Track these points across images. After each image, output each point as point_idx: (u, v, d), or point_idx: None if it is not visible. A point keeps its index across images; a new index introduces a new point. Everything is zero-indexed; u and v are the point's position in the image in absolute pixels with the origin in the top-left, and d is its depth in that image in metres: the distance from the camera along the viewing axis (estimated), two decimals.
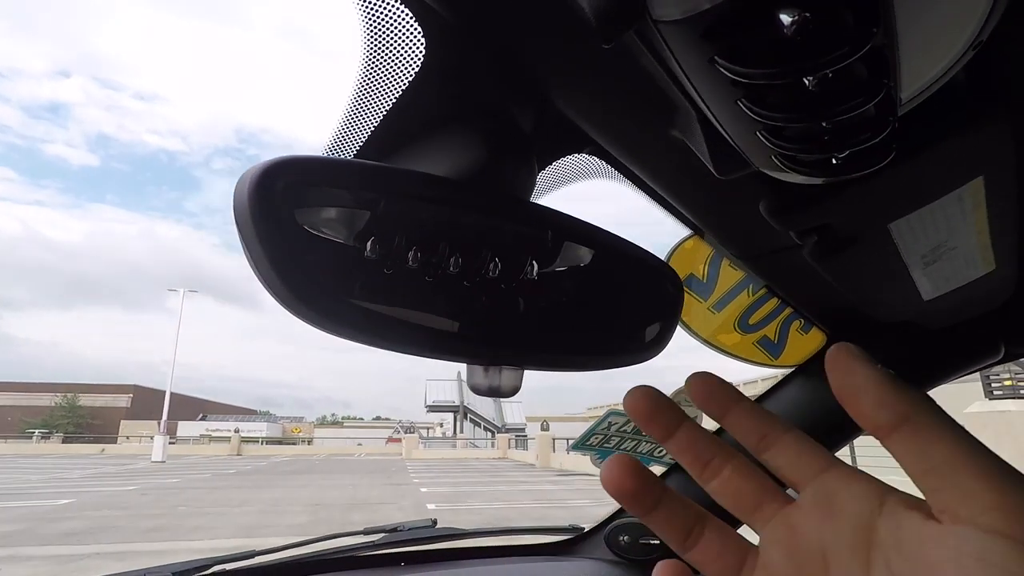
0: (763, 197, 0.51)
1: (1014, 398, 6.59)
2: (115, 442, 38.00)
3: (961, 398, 6.63)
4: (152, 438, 26.99)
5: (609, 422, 1.04)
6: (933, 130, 0.42)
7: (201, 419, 48.44)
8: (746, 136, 0.34)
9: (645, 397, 0.28)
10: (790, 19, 0.22)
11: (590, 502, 11.27)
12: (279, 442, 42.77)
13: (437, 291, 0.39)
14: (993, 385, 6.76)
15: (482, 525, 1.30)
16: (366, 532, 1.11)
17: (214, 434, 41.14)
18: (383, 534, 1.09)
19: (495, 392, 0.38)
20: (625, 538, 1.16)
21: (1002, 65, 0.40)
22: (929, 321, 0.80)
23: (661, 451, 1.11)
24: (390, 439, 41.99)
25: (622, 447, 1.09)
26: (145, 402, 49.86)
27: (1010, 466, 0.22)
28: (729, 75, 0.26)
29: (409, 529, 1.12)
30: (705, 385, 0.29)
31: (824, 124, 0.29)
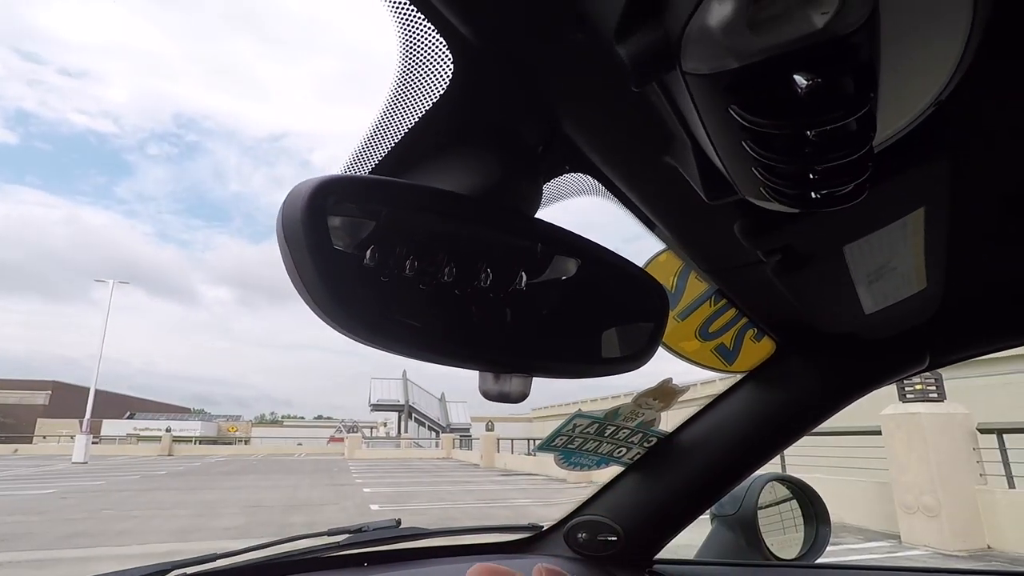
0: (738, 219, 0.56)
1: (923, 401, 7.17)
2: (31, 442, 35.24)
3: (880, 401, 7.14)
4: (73, 438, 25.18)
5: (574, 424, 1.08)
6: (891, 167, 0.47)
7: (128, 417, 45.62)
8: (741, 170, 0.38)
9: None
10: (805, 82, 0.26)
11: (532, 501, 11.41)
12: (214, 441, 40.90)
13: (430, 299, 0.41)
14: (906, 389, 7.31)
15: (427, 525, 1.31)
16: (330, 533, 1.10)
17: (143, 433, 38.92)
18: (347, 535, 1.09)
19: (504, 398, 0.41)
20: (583, 535, 1.20)
21: (950, 117, 0.46)
22: (868, 333, 0.88)
23: (620, 452, 1.16)
24: (332, 438, 40.98)
25: (585, 448, 1.13)
26: (66, 399, 46.41)
27: None
28: (742, 122, 0.29)
29: (374, 529, 1.12)
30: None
31: (815, 167, 0.33)
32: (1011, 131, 0.50)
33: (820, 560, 1.32)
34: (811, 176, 0.35)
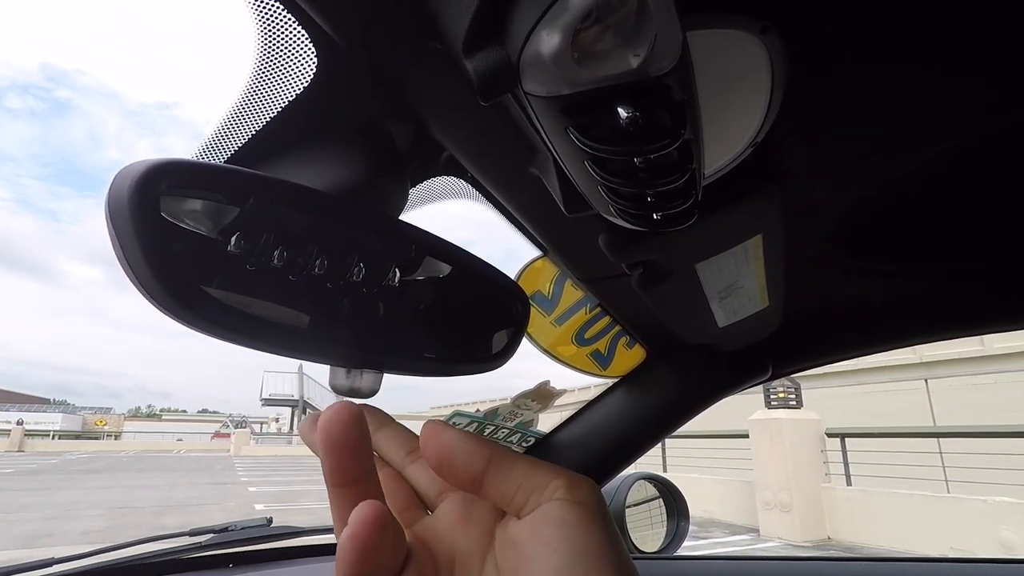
0: (602, 232, 0.60)
1: (784, 407, 8.03)
2: None
3: (749, 407, 7.88)
4: None
5: (452, 423, 1.09)
6: (730, 196, 0.53)
7: None
8: (590, 188, 0.41)
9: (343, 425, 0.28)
10: (626, 114, 0.29)
11: None
12: (78, 436, 36.66)
13: (299, 291, 0.41)
14: (771, 397, 8.14)
15: (317, 524, 1.27)
16: (192, 533, 1.03)
17: None
18: (212, 535, 1.03)
19: (355, 393, 0.41)
20: None
21: (776, 155, 0.52)
22: (721, 344, 0.97)
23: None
24: (217, 434, 38.28)
25: None
26: None
27: (558, 466, 0.29)
28: (579, 144, 0.32)
29: (241, 528, 1.06)
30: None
31: (648, 191, 0.37)
32: (824, 170, 0.58)
33: (678, 552, 1.43)
34: (648, 199, 0.39)
